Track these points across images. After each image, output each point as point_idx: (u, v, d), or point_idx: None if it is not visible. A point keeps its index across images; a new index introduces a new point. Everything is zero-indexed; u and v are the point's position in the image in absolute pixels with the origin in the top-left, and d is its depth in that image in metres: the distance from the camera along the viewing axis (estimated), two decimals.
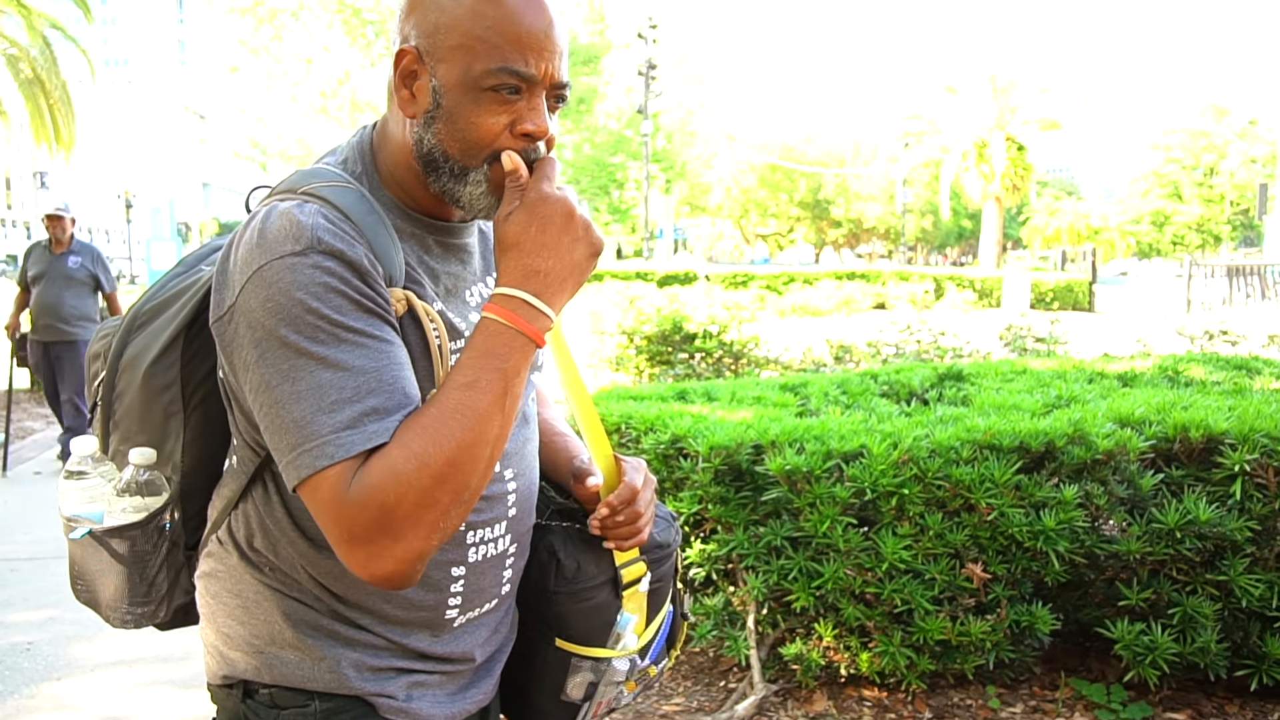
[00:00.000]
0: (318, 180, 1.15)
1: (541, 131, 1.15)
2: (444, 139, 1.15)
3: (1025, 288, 24.75)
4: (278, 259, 1.04)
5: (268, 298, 1.04)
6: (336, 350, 1.03)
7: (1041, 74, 50.95)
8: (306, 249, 1.04)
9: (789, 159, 64.92)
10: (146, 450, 1.26)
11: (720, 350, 7.81)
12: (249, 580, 1.22)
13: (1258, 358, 4.68)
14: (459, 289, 1.25)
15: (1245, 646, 2.76)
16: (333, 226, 1.07)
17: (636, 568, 1.40)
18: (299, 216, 1.07)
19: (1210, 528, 2.65)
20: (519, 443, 1.31)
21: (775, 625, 3.09)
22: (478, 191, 1.17)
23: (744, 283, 24.70)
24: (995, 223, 43.93)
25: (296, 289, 1.03)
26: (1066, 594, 2.94)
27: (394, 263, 1.13)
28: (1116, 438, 2.81)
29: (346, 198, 1.13)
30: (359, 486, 1.00)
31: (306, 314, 1.03)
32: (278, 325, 1.03)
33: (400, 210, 1.21)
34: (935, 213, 62.42)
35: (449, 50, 1.12)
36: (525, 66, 1.12)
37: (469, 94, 1.13)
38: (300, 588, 1.20)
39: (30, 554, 5.16)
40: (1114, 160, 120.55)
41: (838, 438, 2.92)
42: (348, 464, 1.00)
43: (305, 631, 1.20)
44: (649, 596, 1.42)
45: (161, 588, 1.32)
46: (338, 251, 1.05)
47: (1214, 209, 66.92)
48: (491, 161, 1.15)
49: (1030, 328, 7.48)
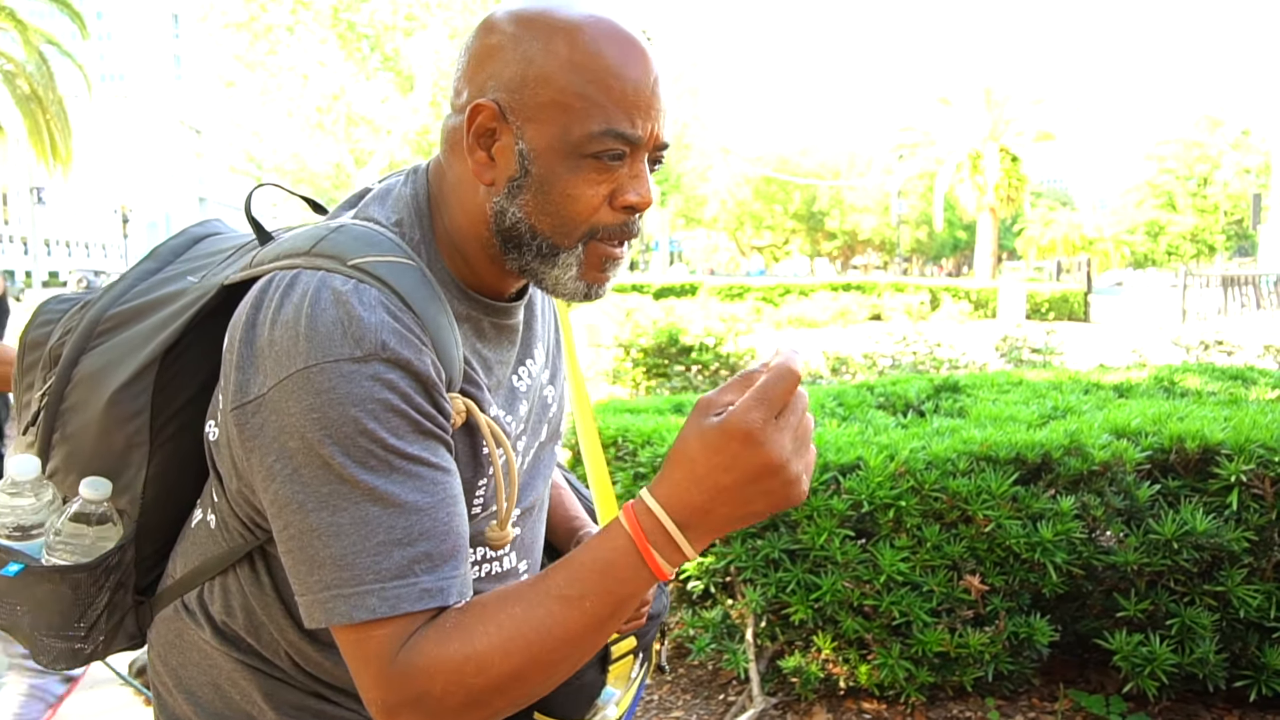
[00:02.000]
0: (373, 252, 0.95)
1: (646, 203, 1.00)
2: (532, 212, 0.98)
3: (1020, 298, 24.81)
4: (331, 363, 0.88)
5: (313, 406, 0.88)
6: (388, 481, 0.88)
7: (1035, 85, 51.22)
8: (368, 355, 0.88)
9: (784, 171, 65.11)
10: (101, 481, 1.08)
11: (717, 362, 7.82)
12: (221, 658, 1.08)
13: (1253, 368, 4.69)
14: (506, 375, 1.11)
15: (1244, 657, 2.76)
16: (399, 326, 0.91)
17: (626, 643, 1.34)
18: (358, 310, 0.89)
19: (1207, 538, 2.65)
20: (534, 529, 1.22)
21: (774, 638, 3.09)
22: (567, 275, 1.01)
23: (740, 294, 24.75)
24: (990, 234, 44.07)
25: (352, 404, 0.87)
26: (1064, 605, 2.94)
27: (454, 364, 0.97)
28: (1113, 449, 2.81)
29: (407, 280, 0.95)
30: (405, 663, 0.87)
31: (359, 435, 0.87)
32: (322, 442, 0.87)
33: (458, 289, 1.04)
34: (930, 224, 62.59)
35: (540, 109, 0.95)
36: (632, 128, 0.96)
37: (565, 161, 0.96)
38: (280, 669, 1.08)
39: None
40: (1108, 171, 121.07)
41: (834, 450, 2.93)
42: (397, 626, 0.88)
43: (288, 712, 1.07)
44: (632, 660, 1.37)
45: (100, 632, 1.14)
46: (404, 361, 0.90)
47: (1208, 219, 67.08)
48: (587, 240, 0.99)
49: (1026, 338, 7.49)
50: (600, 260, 1.01)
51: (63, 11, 24.71)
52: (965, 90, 48.40)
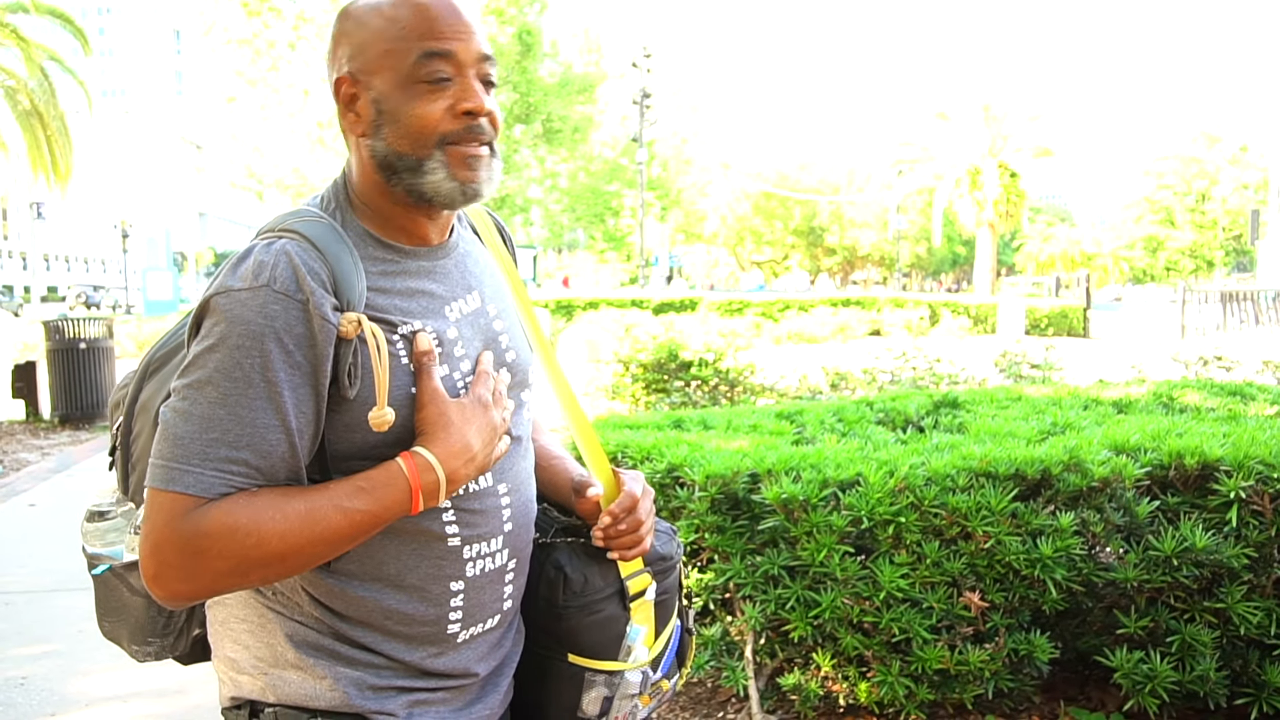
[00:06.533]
0: (295, 219, 1.22)
1: (479, 108, 1.23)
2: (393, 140, 1.23)
3: (1020, 314, 24.82)
4: (233, 291, 1.13)
5: (215, 323, 1.13)
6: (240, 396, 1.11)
7: (1033, 102, 51.49)
8: (259, 287, 1.13)
9: (783, 186, 65.30)
10: None
11: (716, 378, 7.82)
12: (253, 605, 1.27)
13: (1252, 384, 4.69)
14: (438, 306, 1.30)
15: (1244, 674, 2.76)
16: (295, 264, 1.15)
17: (642, 579, 1.43)
18: (262, 256, 1.16)
19: (1207, 555, 2.65)
20: (512, 458, 1.35)
21: (773, 655, 3.08)
22: (437, 178, 1.23)
23: (740, 310, 24.77)
24: (989, 249, 44.15)
25: (239, 324, 1.12)
26: (1065, 622, 2.94)
27: (354, 290, 1.19)
28: (1112, 465, 2.81)
29: (317, 229, 1.20)
30: (193, 521, 1.09)
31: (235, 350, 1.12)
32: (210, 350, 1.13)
33: (373, 239, 1.27)
34: (929, 239, 62.73)
35: (377, 61, 1.22)
36: (445, 45, 1.21)
37: (404, 91, 1.21)
38: (301, 610, 1.25)
39: (26, 587, 5.13)
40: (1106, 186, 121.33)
41: (834, 466, 2.93)
42: (199, 502, 1.09)
43: (307, 652, 1.24)
44: (656, 609, 1.45)
45: (179, 620, 1.40)
46: (290, 292, 1.14)
47: (1207, 234, 67.26)
48: (443, 146, 1.23)
49: (1025, 354, 7.49)
50: (462, 159, 1.24)
51: (65, 28, 24.79)
52: (964, 106, 48.59)
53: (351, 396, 1.18)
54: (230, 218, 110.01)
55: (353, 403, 1.19)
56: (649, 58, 33.76)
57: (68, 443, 9.70)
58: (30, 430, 10.39)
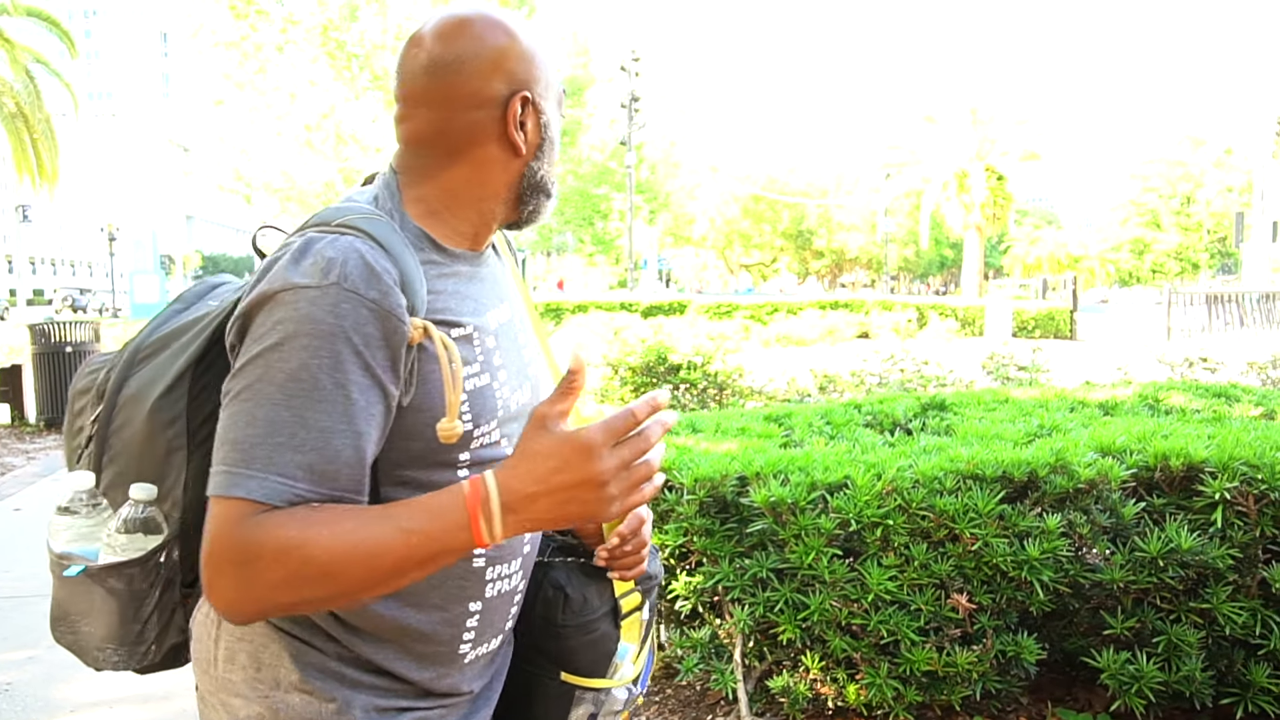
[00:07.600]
0: (352, 214, 1.16)
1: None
2: (547, 167, 1.28)
3: (1007, 316, 24.90)
4: (301, 288, 1.06)
5: (279, 320, 1.06)
6: (307, 399, 1.05)
7: (1020, 105, 51.43)
8: (329, 285, 1.06)
9: (772, 190, 65.42)
10: (147, 485, 1.23)
11: (705, 381, 7.82)
12: (257, 625, 1.20)
13: (1236, 385, 4.72)
14: (483, 311, 1.28)
15: (1230, 674, 2.77)
16: (364, 263, 1.09)
17: (633, 598, 1.45)
18: (328, 252, 1.09)
19: (1192, 556, 2.66)
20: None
21: (762, 658, 3.08)
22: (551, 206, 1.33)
23: (728, 313, 24.77)
24: (976, 252, 44.28)
25: (307, 323, 1.05)
26: (1052, 623, 2.95)
27: (418, 294, 1.14)
28: (1098, 467, 2.83)
29: (379, 227, 1.15)
30: (249, 529, 1.02)
31: (302, 350, 1.05)
32: (274, 349, 1.06)
33: (430, 242, 1.23)
34: (917, 242, 62.92)
35: (547, 88, 1.26)
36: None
37: (558, 123, 1.30)
38: (310, 627, 1.20)
39: (10, 592, 5.10)
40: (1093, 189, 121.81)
41: (822, 469, 2.93)
42: (254, 503, 1.03)
43: (313, 674, 1.19)
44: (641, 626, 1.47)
45: (154, 629, 1.29)
46: (360, 291, 1.07)
47: (1192, 237, 67.66)
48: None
49: (1012, 356, 7.52)
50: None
51: (51, 30, 24.68)
52: (951, 109, 48.70)
53: (406, 403, 1.13)
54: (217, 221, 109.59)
55: (406, 409, 1.14)
56: (637, 61, 33.75)
57: (53, 447, 9.64)
58: (15, 434, 10.32)
